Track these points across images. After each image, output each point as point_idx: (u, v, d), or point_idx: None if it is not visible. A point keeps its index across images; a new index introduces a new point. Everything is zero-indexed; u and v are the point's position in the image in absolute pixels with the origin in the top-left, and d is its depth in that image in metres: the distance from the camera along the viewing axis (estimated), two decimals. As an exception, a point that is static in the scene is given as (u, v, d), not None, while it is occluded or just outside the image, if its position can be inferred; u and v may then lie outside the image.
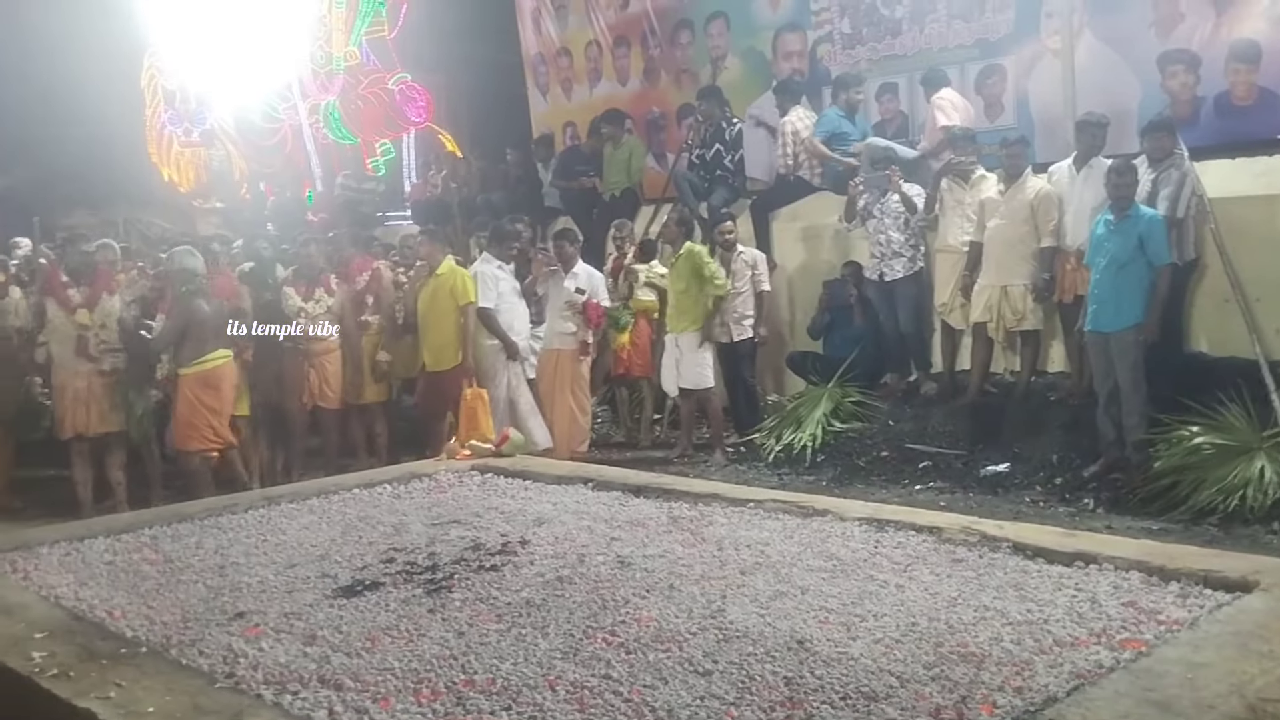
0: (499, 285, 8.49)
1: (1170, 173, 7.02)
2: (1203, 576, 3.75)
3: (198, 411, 7.48)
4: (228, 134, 14.99)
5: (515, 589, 4.05)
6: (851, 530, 4.65)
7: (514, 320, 8.58)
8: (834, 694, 2.95)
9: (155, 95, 15.47)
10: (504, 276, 8.59)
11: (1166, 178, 7.02)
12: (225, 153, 15.03)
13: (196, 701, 3.05)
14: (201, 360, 7.50)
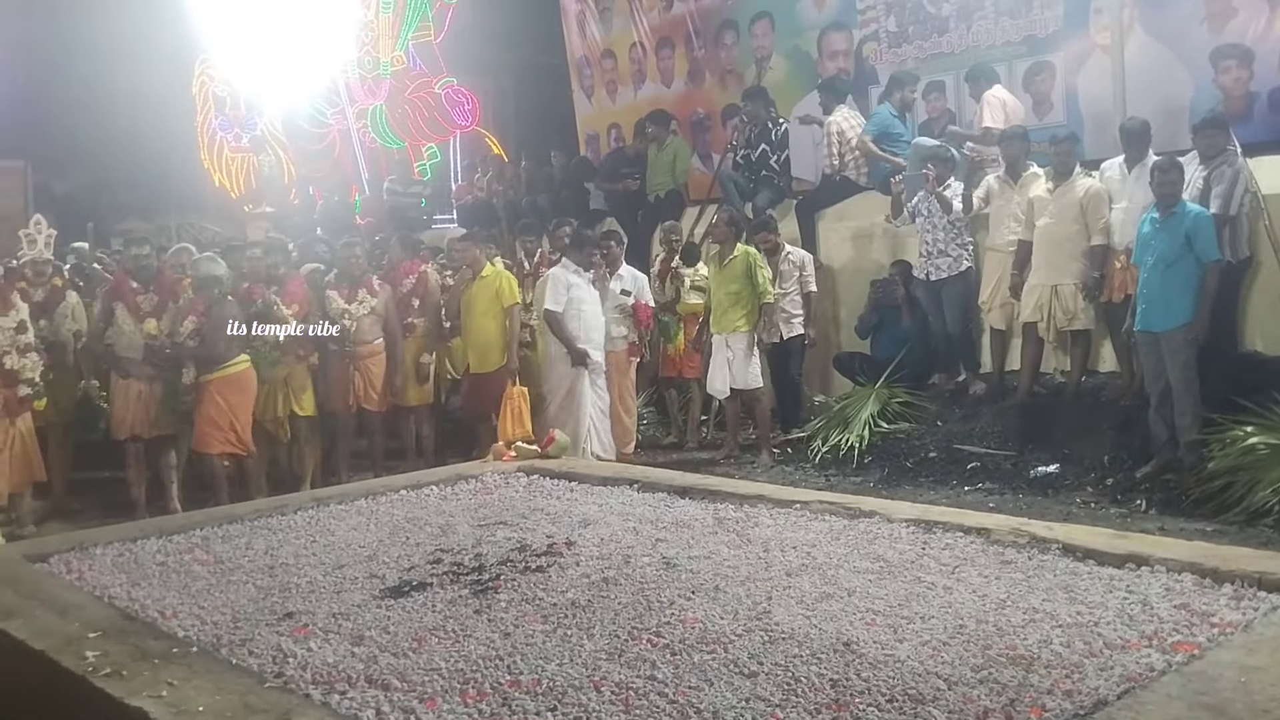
0: (571, 290, 8.35)
1: (1223, 169, 6.89)
2: (1257, 579, 3.69)
3: (223, 413, 7.59)
4: (277, 139, 15.18)
5: (561, 590, 4.06)
6: (899, 532, 4.62)
7: (589, 329, 8.43)
8: (880, 696, 2.93)
9: (206, 102, 15.71)
10: (578, 282, 8.43)
11: (1219, 175, 6.89)
12: (275, 158, 15.21)
13: (246, 700, 3.09)
14: (227, 365, 7.63)
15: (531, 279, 9.43)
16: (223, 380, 7.64)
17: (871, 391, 8.43)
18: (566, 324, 8.32)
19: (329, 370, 8.35)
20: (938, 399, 8.45)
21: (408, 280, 8.91)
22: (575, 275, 8.43)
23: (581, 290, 8.43)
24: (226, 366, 7.64)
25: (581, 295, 8.42)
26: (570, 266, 8.49)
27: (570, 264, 8.51)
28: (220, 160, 15.76)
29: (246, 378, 7.77)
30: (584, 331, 8.38)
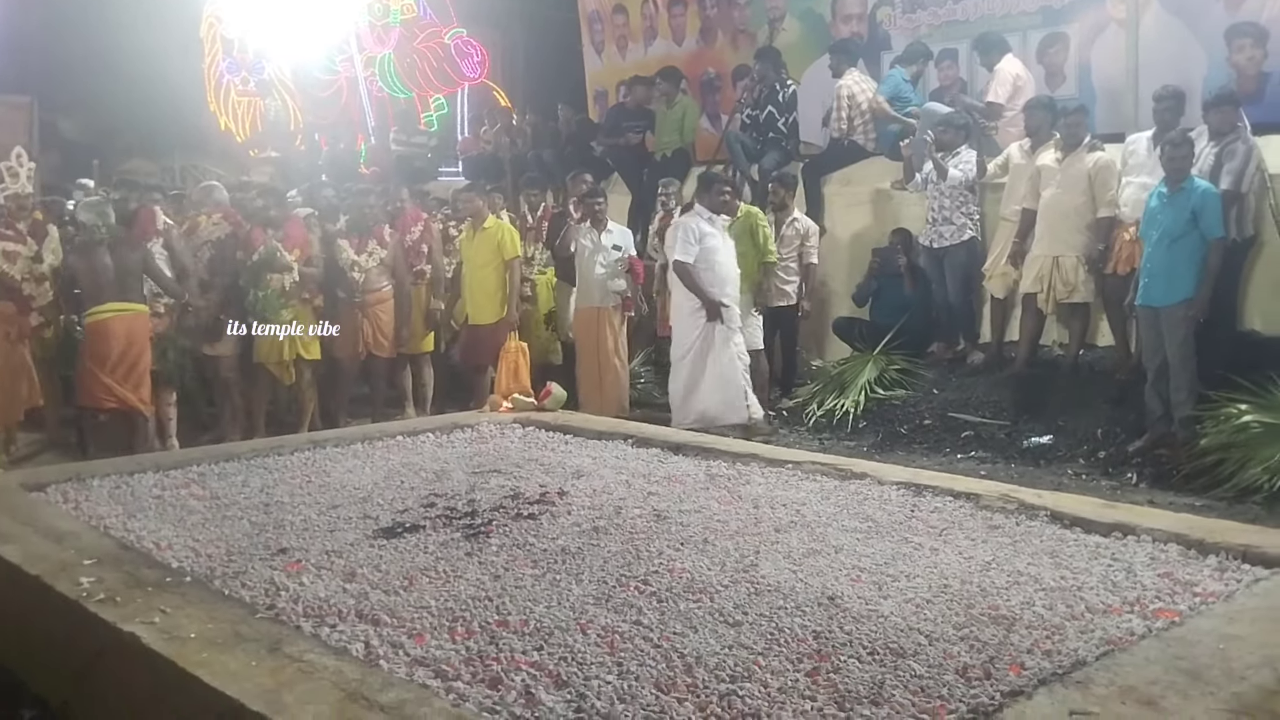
0: (704, 240, 7.79)
1: (1235, 146, 6.86)
2: (1242, 551, 3.73)
3: (90, 364, 7.24)
4: (284, 84, 15.09)
5: (552, 537, 4.12)
6: (889, 494, 4.66)
7: (724, 281, 7.85)
8: (861, 649, 2.97)
9: (214, 44, 15.58)
10: (711, 231, 7.84)
11: (1231, 151, 6.85)
12: (281, 103, 15.13)
13: (237, 629, 3.14)
14: (94, 312, 7.26)
15: (534, 233, 9.41)
16: (89, 327, 7.31)
17: (869, 358, 8.44)
18: (699, 276, 7.80)
19: (338, 317, 8.37)
20: (935, 367, 8.46)
21: (416, 228, 8.91)
22: (708, 224, 7.87)
23: (715, 239, 7.88)
24: (96, 313, 7.25)
25: (715, 245, 7.85)
26: (703, 214, 7.90)
27: (703, 210, 7.92)
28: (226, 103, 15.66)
29: (115, 328, 7.24)
30: (718, 285, 7.84)
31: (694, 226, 7.82)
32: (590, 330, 8.61)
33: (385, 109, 14.57)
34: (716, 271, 7.81)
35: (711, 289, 7.77)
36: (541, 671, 2.88)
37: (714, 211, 7.93)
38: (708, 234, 7.82)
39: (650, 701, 2.70)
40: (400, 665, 2.94)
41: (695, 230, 7.80)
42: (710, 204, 7.91)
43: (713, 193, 7.94)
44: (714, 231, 7.86)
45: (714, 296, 7.76)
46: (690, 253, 7.76)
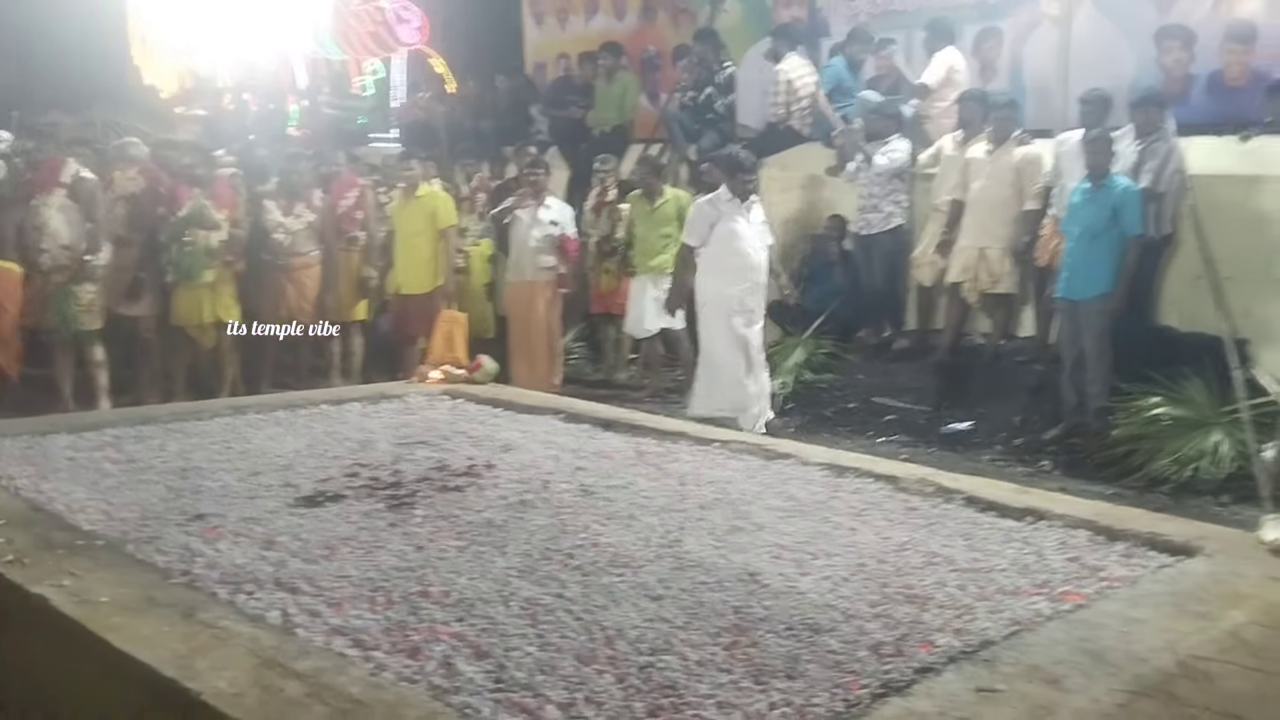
0: (717, 226, 7.21)
1: (1157, 146, 7.05)
2: (1148, 539, 3.84)
3: None
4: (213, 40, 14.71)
5: (477, 509, 4.11)
6: (812, 474, 4.72)
7: (740, 270, 7.23)
8: (779, 624, 3.02)
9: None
10: (728, 213, 7.24)
11: (1153, 151, 7.04)
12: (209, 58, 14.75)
13: (150, 595, 3.09)
14: None
15: (469, 203, 9.34)
16: None
17: (799, 342, 8.54)
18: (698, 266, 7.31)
19: (261, 281, 8.22)
20: (862, 352, 8.59)
21: (351, 194, 8.78)
22: (727, 206, 7.27)
23: (734, 223, 7.24)
24: None
25: (734, 229, 7.22)
26: (723, 196, 7.33)
27: (724, 193, 7.35)
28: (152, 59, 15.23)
29: None
30: (732, 273, 7.22)
31: (707, 212, 7.34)
32: (523, 304, 8.59)
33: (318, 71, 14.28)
34: (735, 260, 7.24)
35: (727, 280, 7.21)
36: (462, 642, 2.88)
37: (738, 196, 7.32)
38: (723, 216, 7.24)
39: (570, 673, 2.71)
40: (318, 634, 2.92)
41: (708, 215, 7.31)
42: (734, 188, 7.33)
43: (737, 178, 7.36)
44: (732, 214, 7.27)
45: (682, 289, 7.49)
46: (699, 236, 7.28)
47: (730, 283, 7.20)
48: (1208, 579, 3.41)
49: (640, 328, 8.73)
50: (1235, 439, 6.27)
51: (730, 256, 7.22)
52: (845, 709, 2.55)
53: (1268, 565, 3.52)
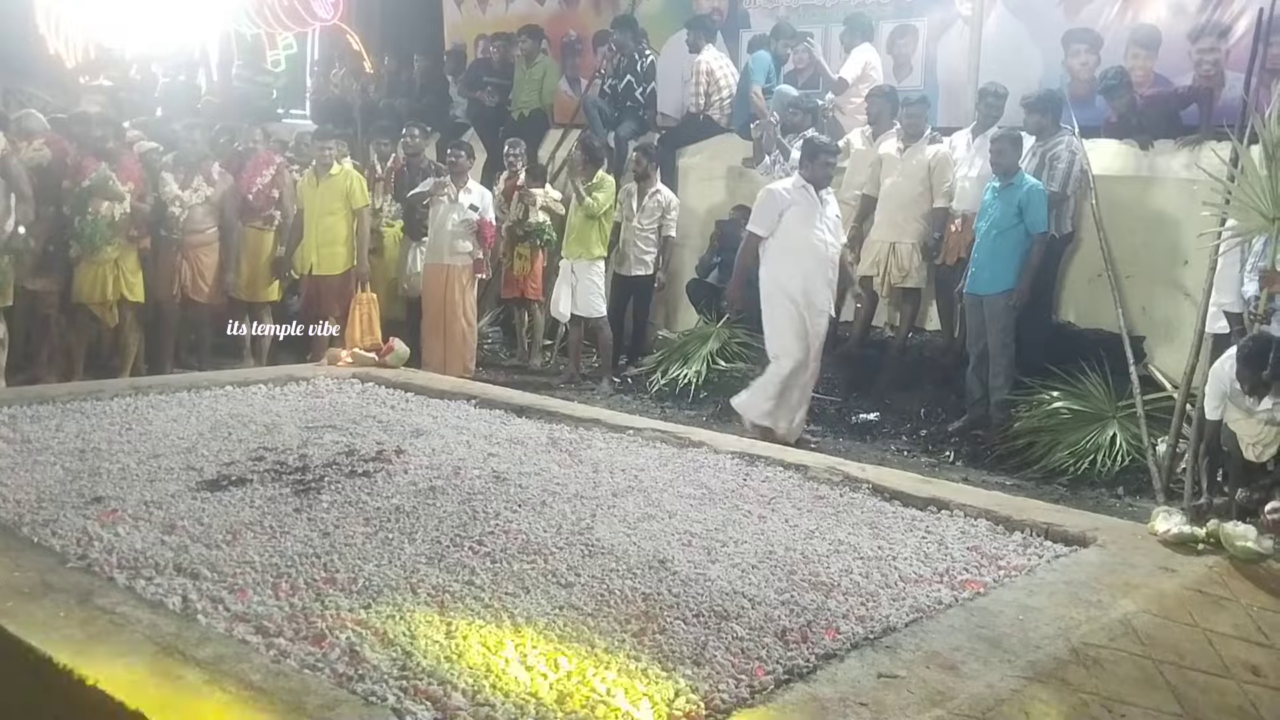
0: (787, 214, 6.70)
1: (1059, 150, 7.24)
2: (1045, 529, 3.97)
3: None
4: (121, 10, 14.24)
5: (386, 495, 4.06)
6: (724, 462, 4.77)
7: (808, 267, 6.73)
8: (688, 611, 3.05)
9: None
10: (800, 201, 6.73)
11: (1054, 155, 7.23)
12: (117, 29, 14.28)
13: (46, 579, 3.01)
14: None
15: (383, 183, 9.20)
16: None
17: (713, 330, 8.60)
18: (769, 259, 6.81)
19: (157, 256, 8.01)
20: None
21: (267, 171, 8.60)
22: (800, 194, 6.76)
23: (806, 213, 6.73)
24: None
25: (806, 219, 6.71)
26: (796, 183, 6.84)
27: (799, 180, 6.85)
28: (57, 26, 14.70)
29: None
30: (797, 269, 6.73)
31: (779, 197, 6.77)
32: (438, 288, 8.50)
33: (229, 43, 13.93)
34: (805, 252, 6.75)
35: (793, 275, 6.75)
36: (368, 629, 2.86)
37: (815, 184, 6.81)
38: (795, 204, 6.73)
39: (478, 661, 2.71)
40: (219, 620, 2.87)
41: (778, 201, 6.76)
42: (811, 174, 6.82)
43: (816, 163, 6.83)
44: (806, 205, 6.76)
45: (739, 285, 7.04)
46: (766, 225, 6.76)
47: (798, 277, 6.74)
48: (1101, 569, 3.53)
49: (557, 312, 8.72)
50: (1130, 433, 6.49)
51: (800, 249, 6.73)
52: (750, 695, 2.59)
53: (1158, 556, 3.66)
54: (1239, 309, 5.84)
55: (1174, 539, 3.76)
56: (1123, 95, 7.43)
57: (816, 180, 6.82)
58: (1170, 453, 6.23)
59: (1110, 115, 7.62)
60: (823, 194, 6.86)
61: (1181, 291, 7.01)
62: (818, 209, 6.81)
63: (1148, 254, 7.26)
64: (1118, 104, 7.47)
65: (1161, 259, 7.22)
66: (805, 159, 6.94)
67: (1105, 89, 7.50)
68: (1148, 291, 7.25)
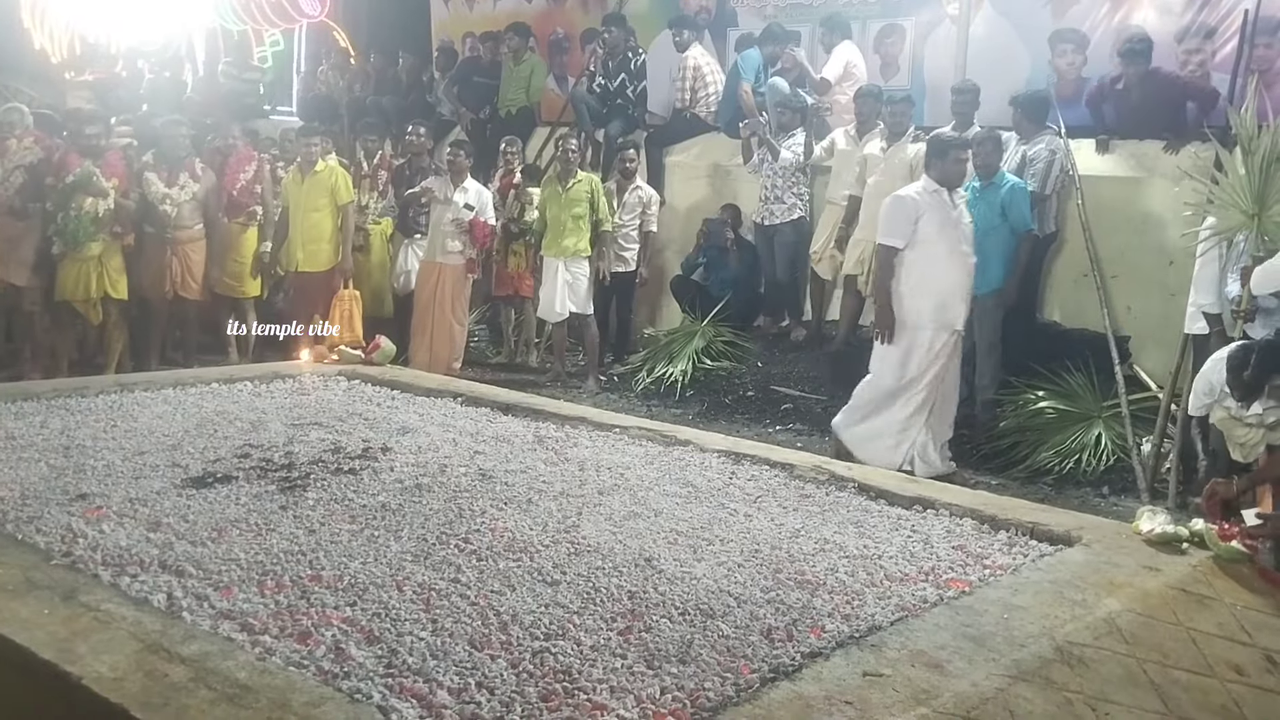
0: (923, 220, 6.11)
1: (1039, 150, 7.26)
2: (1030, 528, 3.98)
3: None
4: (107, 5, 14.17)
5: (372, 493, 4.06)
6: (710, 461, 4.78)
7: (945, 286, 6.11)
8: (673, 609, 3.06)
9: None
10: (937, 205, 6.15)
11: (1037, 155, 7.25)
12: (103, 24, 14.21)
13: (30, 576, 2.99)
14: None
15: (369, 180, 9.18)
16: None
17: (698, 329, 8.61)
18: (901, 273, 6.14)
19: (145, 254, 7.97)
20: (760, 341, 8.69)
21: (249, 168, 8.57)
22: (933, 198, 6.16)
23: (942, 219, 6.14)
24: None
25: (942, 226, 6.12)
26: (929, 187, 6.20)
27: (929, 183, 6.22)
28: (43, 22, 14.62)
29: None
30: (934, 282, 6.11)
31: (912, 202, 6.17)
32: (429, 285, 8.48)
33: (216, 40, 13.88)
34: (942, 264, 6.15)
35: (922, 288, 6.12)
36: (353, 627, 2.85)
37: (946, 185, 6.21)
38: (931, 208, 6.15)
39: (463, 658, 2.71)
40: (205, 618, 2.86)
41: (913, 206, 6.15)
42: (942, 174, 6.20)
43: (948, 160, 6.21)
44: (941, 210, 6.17)
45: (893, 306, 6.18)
46: (901, 234, 6.13)
47: (934, 294, 6.13)
48: (1085, 568, 3.55)
49: (551, 312, 8.66)
50: (1115, 433, 6.51)
51: (938, 261, 6.13)
52: (735, 693, 2.59)
53: (1142, 555, 3.68)
54: (1217, 309, 5.86)
55: (1158, 538, 3.78)
56: (1142, 63, 7.33)
57: (948, 180, 6.22)
58: (1155, 452, 6.27)
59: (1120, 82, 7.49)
60: (954, 196, 6.28)
61: (1167, 292, 7.03)
62: (951, 213, 6.23)
63: (1133, 254, 7.29)
64: (1132, 72, 7.36)
65: (1147, 259, 7.24)
66: (933, 157, 6.28)
67: (1127, 52, 7.37)
68: (1133, 291, 7.28)
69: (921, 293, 6.14)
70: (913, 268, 6.14)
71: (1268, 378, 4.09)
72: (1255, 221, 5.53)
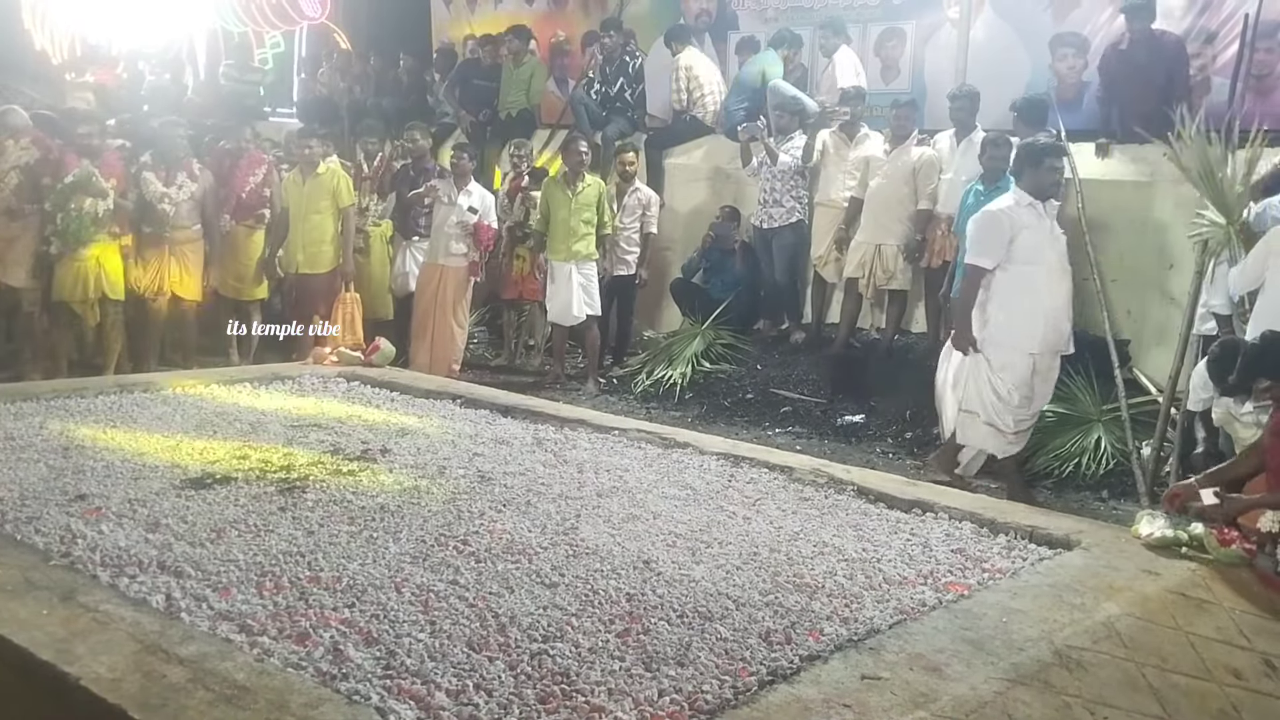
0: (1020, 238, 5.55)
1: None
2: (1029, 532, 3.98)
3: None
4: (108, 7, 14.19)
5: (371, 494, 4.06)
6: (709, 463, 4.78)
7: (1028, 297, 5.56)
8: (672, 611, 3.06)
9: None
10: (1033, 224, 5.59)
11: None
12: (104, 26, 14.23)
13: (29, 576, 2.99)
14: None
15: (370, 182, 9.17)
16: None
17: (698, 331, 8.61)
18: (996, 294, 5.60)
19: (141, 254, 7.97)
20: (760, 344, 8.68)
21: (259, 170, 8.57)
22: (1027, 212, 5.60)
23: (1038, 235, 5.59)
24: None
25: (1039, 243, 5.57)
26: (1022, 200, 5.63)
27: (1022, 195, 5.64)
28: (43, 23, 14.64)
29: None
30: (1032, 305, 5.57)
31: (1006, 217, 5.59)
32: (430, 287, 8.47)
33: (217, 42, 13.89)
34: (1040, 286, 5.60)
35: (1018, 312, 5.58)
36: (351, 628, 2.85)
37: (1039, 196, 5.65)
38: (1026, 230, 5.58)
39: (461, 660, 2.71)
40: (203, 619, 2.86)
41: (1008, 221, 5.58)
42: (1035, 184, 5.62)
43: (1041, 168, 5.62)
44: (1035, 225, 5.62)
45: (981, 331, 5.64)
46: (994, 253, 5.58)
47: (1038, 319, 5.60)
48: (1084, 572, 3.55)
49: (568, 316, 8.58)
50: (1115, 437, 6.49)
51: (1039, 278, 5.58)
52: (734, 696, 2.59)
53: (1141, 559, 3.68)
54: (1228, 310, 5.87)
55: (1157, 542, 3.79)
56: (1145, 18, 7.30)
57: (1041, 191, 5.64)
58: (1155, 456, 6.26)
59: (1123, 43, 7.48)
60: (1047, 207, 5.72)
61: (1167, 296, 7.03)
62: (1047, 227, 5.71)
63: (1133, 258, 7.29)
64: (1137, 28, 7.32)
65: (1147, 263, 7.24)
66: (1025, 165, 5.72)
67: (1129, 8, 7.34)
68: (1133, 295, 7.28)
69: (1026, 315, 5.58)
70: (1012, 289, 5.59)
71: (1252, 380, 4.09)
72: (1229, 230, 5.57)
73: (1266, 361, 4.09)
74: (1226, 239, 5.67)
